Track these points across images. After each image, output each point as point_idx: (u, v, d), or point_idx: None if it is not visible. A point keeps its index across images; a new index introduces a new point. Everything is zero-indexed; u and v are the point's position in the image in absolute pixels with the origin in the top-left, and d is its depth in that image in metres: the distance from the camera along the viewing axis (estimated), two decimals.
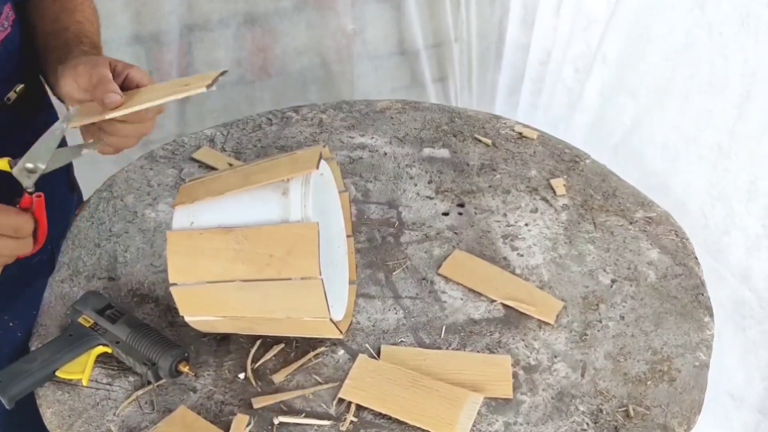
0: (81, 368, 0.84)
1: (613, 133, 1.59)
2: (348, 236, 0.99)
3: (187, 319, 0.85)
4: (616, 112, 1.58)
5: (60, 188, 1.09)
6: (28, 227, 0.77)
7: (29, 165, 0.77)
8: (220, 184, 0.85)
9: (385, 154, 1.22)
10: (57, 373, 0.84)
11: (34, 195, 0.78)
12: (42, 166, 0.78)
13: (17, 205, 0.77)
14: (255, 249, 0.79)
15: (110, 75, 0.79)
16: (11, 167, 0.77)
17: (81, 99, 0.81)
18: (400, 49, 1.81)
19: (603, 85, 1.62)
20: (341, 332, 0.85)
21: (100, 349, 0.86)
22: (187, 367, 0.84)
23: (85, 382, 0.84)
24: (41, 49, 0.92)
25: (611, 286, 1.00)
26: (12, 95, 0.90)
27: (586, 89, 1.66)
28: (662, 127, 1.47)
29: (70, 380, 0.85)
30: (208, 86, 0.74)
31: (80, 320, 0.88)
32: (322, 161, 0.89)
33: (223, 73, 0.78)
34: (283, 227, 0.79)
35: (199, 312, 0.84)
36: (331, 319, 0.82)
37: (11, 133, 0.91)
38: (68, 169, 1.13)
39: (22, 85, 0.92)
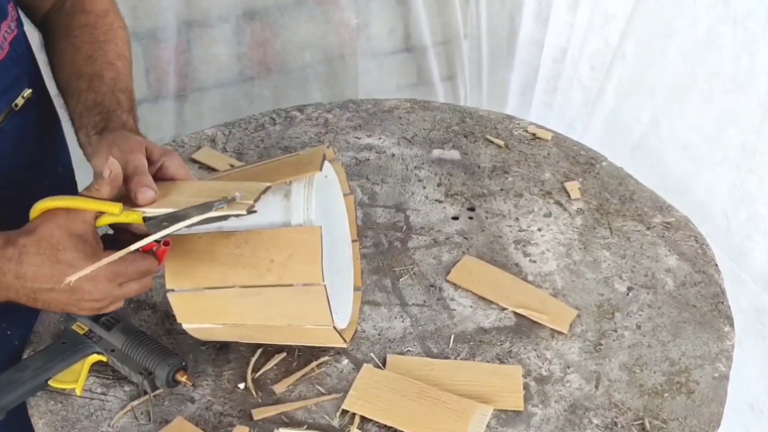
0: (74, 377, 0.85)
1: (631, 133, 1.60)
2: (353, 241, 1.00)
3: (184, 326, 0.87)
4: (635, 112, 1.59)
5: (63, 192, 1.10)
6: (154, 270, 0.80)
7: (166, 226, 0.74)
8: None
9: (393, 155, 1.23)
10: (50, 383, 0.85)
11: (161, 243, 0.79)
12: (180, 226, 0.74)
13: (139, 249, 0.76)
14: (255, 254, 0.80)
15: (146, 164, 0.79)
16: (144, 221, 0.76)
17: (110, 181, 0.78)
18: (407, 46, 1.82)
19: (621, 83, 1.63)
20: (345, 341, 0.86)
21: (95, 357, 0.87)
22: (185, 377, 0.85)
23: (78, 392, 0.86)
24: (72, 90, 0.92)
25: (627, 294, 1.00)
26: (20, 101, 0.91)
27: (604, 88, 1.66)
28: (683, 126, 1.48)
29: (63, 390, 0.86)
30: (249, 209, 0.72)
31: (74, 327, 0.89)
32: (326, 163, 0.90)
33: (266, 190, 0.76)
34: (285, 231, 0.81)
35: (198, 319, 0.86)
36: (334, 327, 0.83)
37: (20, 141, 0.92)
38: (70, 173, 1.14)
39: (30, 90, 0.92)
